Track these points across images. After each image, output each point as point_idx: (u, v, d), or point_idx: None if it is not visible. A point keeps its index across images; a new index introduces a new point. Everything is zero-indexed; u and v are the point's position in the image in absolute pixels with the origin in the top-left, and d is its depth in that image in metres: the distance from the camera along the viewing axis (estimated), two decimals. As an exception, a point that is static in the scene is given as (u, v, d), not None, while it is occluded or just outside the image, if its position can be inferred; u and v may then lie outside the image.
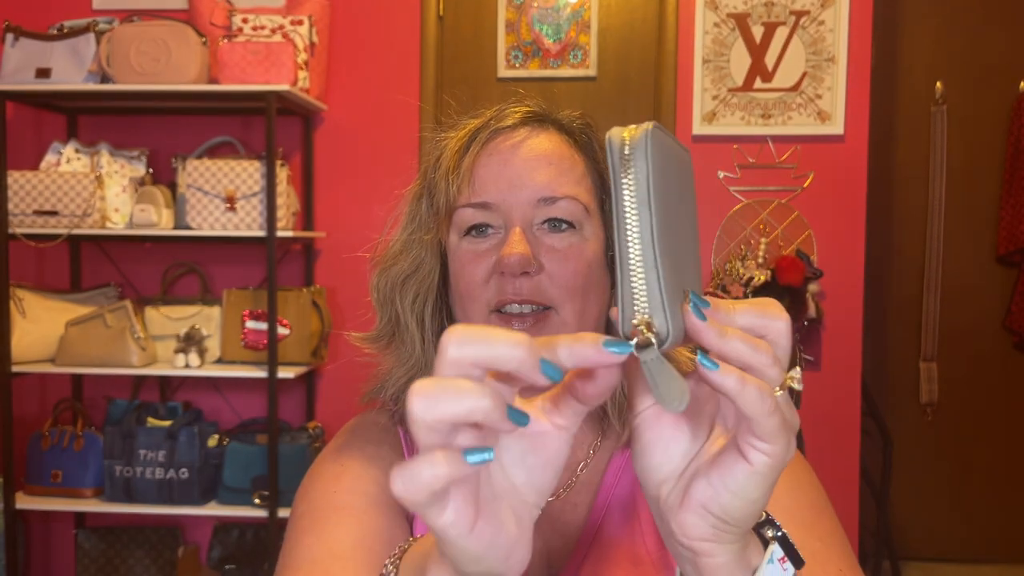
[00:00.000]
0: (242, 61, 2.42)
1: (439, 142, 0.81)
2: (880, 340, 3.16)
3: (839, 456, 2.74)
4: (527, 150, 0.76)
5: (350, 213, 2.80)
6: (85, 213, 2.46)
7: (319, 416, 2.82)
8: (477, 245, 0.76)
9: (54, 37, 2.47)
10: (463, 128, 0.80)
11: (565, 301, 0.74)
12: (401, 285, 0.80)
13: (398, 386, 0.80)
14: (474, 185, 0.75)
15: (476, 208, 0.75)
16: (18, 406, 2.70)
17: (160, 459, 2.51)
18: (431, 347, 0.80)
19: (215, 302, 2.66)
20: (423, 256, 0.80)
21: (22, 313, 2.54)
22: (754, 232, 2.75)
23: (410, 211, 0.82)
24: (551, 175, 0.75)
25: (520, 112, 0.79)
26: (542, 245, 0.75)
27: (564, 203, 0.75)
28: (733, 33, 2.73)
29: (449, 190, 0.76)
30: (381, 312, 0.82)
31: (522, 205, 0.75)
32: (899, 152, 3.15)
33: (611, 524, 0.77)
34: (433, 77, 2.81)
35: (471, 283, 0.75)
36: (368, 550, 0.71)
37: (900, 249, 3.18)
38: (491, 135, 0.77)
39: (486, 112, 0.81)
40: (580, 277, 0.75)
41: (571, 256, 0.74)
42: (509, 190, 0.75)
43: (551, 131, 0.79)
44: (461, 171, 0.76)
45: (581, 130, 0.81)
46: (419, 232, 0.80)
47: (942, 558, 3.19)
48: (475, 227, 0.76)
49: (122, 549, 2.78)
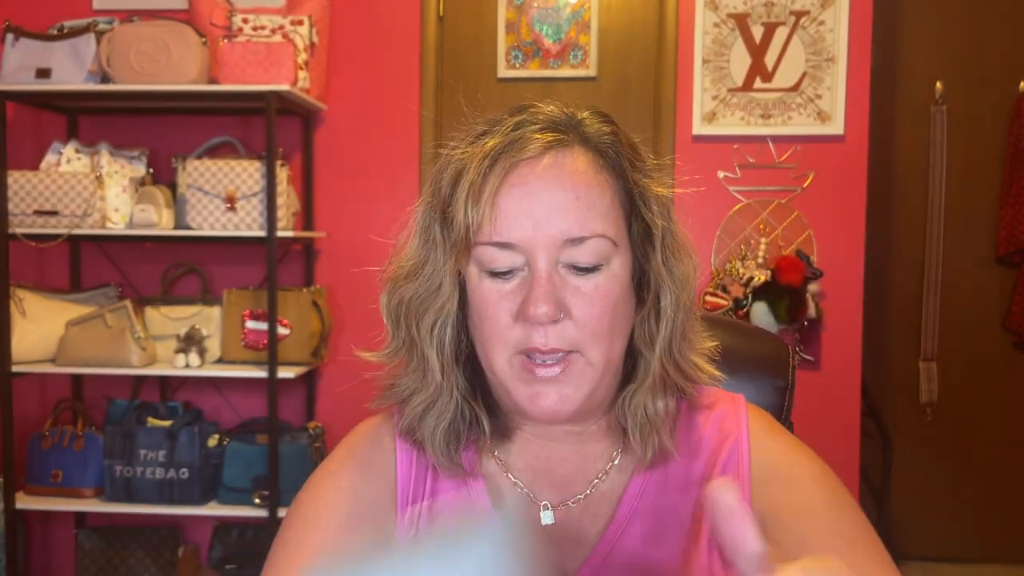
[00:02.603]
0: (242, 61, 2.42)
1: (452, 156, 0.74)
2: (880, 340, 3.16)
3: (839, 456, 2.74)
4: (552, 181, 0.71)
5: (350, 213, 2.80)
6: (85, 213, 2.46)
7: (319, 416, 2.82)
8: (500, 287, 0.72)
9: (54, 37, 2.47)
10: (480, 146, 0.73)
11: (591, 345, 0.72)
12: (417, 309, 0.76)
13: (415, 415, 0.78)
14: (496, 221, 0.70)
15: (499, 247, 0.71)
16: (18, 406, 2.70)
17: (160, 459, 2.51)
18: (451, 374, 0.77)
19: (215, 302, 2.66)
20: (441, 281, 0.75)
21: (22, 313, 2.54)
22: (754, 232, 2.75)
23: (422, 229, 0.77)
24: (579, 212, 0.70)
25: (544, 139, 0.72)
26: (568, 286, 0.71)
27: (592, 243, 0.71)
28: (733, 33, 2.74)
29: (470, 223, 0.71)
30: (395, 331, 0.79)
31: (548, 245, 0.70)
32: (899, 152, 3.15)
33: (629, 538, 0.76)
34: (433, 77, 2.81)
35: (496, 327, 0.72)
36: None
37: (900, 249, 3.18)
38: (514, 163, 0.71)
39: (504, 122, 0.74)
40: (607, 319, 0.72)
41: (598, 299, 0.71)
42: (534, 229, 0.70)
43: (577, 152, 0.73)
44: (482, 203, 0.70)
45: (610, 146, 0.74)
46: (435, 254, 0.75)
47: (942, 558, 3.19)
48: (498, 271, 0.72)
49: (122, 549, 2.78)
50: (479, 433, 0.79)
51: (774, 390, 1.04)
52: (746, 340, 1.10)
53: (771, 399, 1.04)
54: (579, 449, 0.80)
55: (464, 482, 0.79)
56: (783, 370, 1.05)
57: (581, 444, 0.80)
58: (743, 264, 2.69)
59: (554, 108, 0.76)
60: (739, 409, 0.82)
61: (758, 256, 2.71)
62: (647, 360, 0.76)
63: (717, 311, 2.63)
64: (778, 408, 1.04)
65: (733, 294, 2.65)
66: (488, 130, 0.74)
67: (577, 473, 0.79)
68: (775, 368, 1.05)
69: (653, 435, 0.76)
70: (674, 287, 0.75)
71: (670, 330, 0.75)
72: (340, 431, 0.88)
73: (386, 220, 2.59)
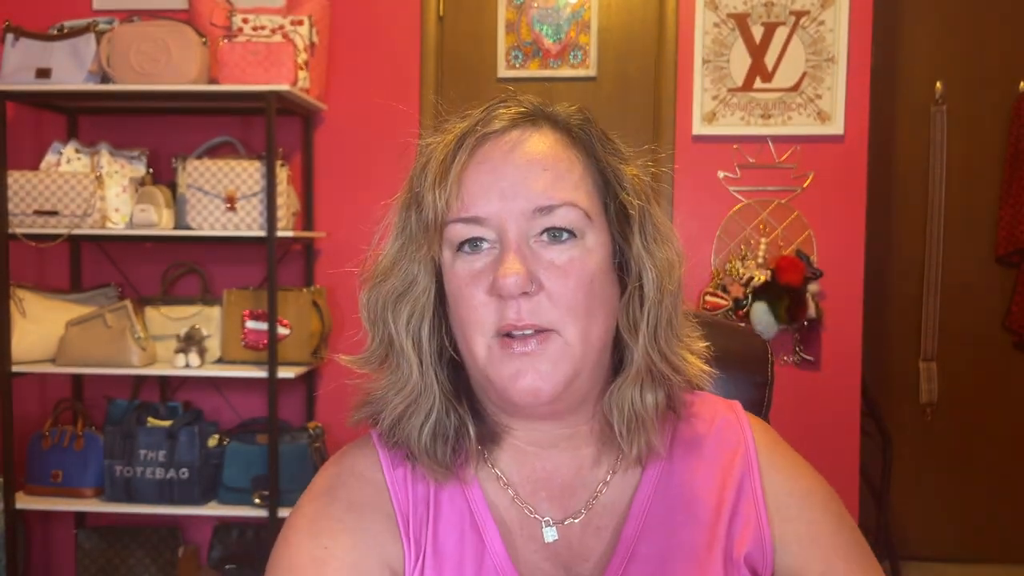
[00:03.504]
0: (242, 61, 2.42)
1: (426, 148, 0.74)
2: (880, 340, 3.16)
3: (839, 456, 2.74)
4: (519, 155, 0.71)
5: (350, 213, 2.81)
6: (85, 213, 2.46)
7: (319, 416, 2.82)
8: (472, 264, 0.71)
9: (54, 37, 2.47)
10: (449, 132, 0.73)
11: (568, 323, 0.70)
12: (394, 304, 0.75)
13: (395, 415, 0.75)
14: (463, 198, 0.70)
15: (467, 223, 0.70)
16: (18, 406, 2.70)
17: (160, 459, 2.51)
18: (430, 370, 0.74)
19: (215, 302, 2.66)
20: (416, 273, 0.74)
21: (22, 313, 2.54)
22: (754, 232, 2.75)
23: (399, 223, 0.76)
24: (547, 181, 0.70)
25: (510, 113, 0.73)
26: (540, 260, 0.70)
27: (562, 211, 0.70)
28: (733, 33, 2.74)
29: (437, 203, 0.70)
30: (373, 332, 0.76)
31: (517, 217, 0.70)
32: (899, 152, 3.15)
33: (639, 562, 0.74)
34: (433, 77, 2.81)
35: (470, 308, 0.71)
36: None
37: (900, 249, 3.17)
38: (479, 140, 0.71)
39: (474, 113, 0.75)
40: (582, 294, 0.70)
41: (572, 271, 0.70)
42: (501, 201, 0.69)
43: (545, 130, 0.73)
44: (449, 182, 0.70)
45: (579, 126, 0.75)
46: (410, 246, 0.74)
47: (942, 558, 3.19)
48: (467, 241, 0.71)
49: (122, 549, 2.78)
50: (467, 439, 0.75)
51: (753, 386, 1.05)
52: (724, 337, 1.10)
53: (751, 395, 1.05)
54: (573, 455, 0.78)
55: (461, 490, 0.76)
56: (762, 366, 1.06)
57: (575, 449, 0.78)
58: (743, 264, 2.69)
59: (530, 97, 0.76)
60: (740, 418, 0.82)
61: (758, 256, 2.71)
62: (631, 350, 0.74)
63: (717, 311, 2.63)
64: (758, 404, 1.05)
65: (733, 294, 2.65)
66: (460, 120, 0.75)
67: (575, 481, 0.77)
68: (754, 364, 1.06)
69: (640, 431, 0.74)
70: (655, 270, 0.73)
71: (655, 316, 0.73)
72: (340, 431, 0.88)
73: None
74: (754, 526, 0.76)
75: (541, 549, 0.75)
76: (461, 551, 0.74)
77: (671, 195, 2.74)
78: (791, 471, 0.80)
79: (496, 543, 0.74)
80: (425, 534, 0.74)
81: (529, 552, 0.75)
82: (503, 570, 0.73)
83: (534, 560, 0.74)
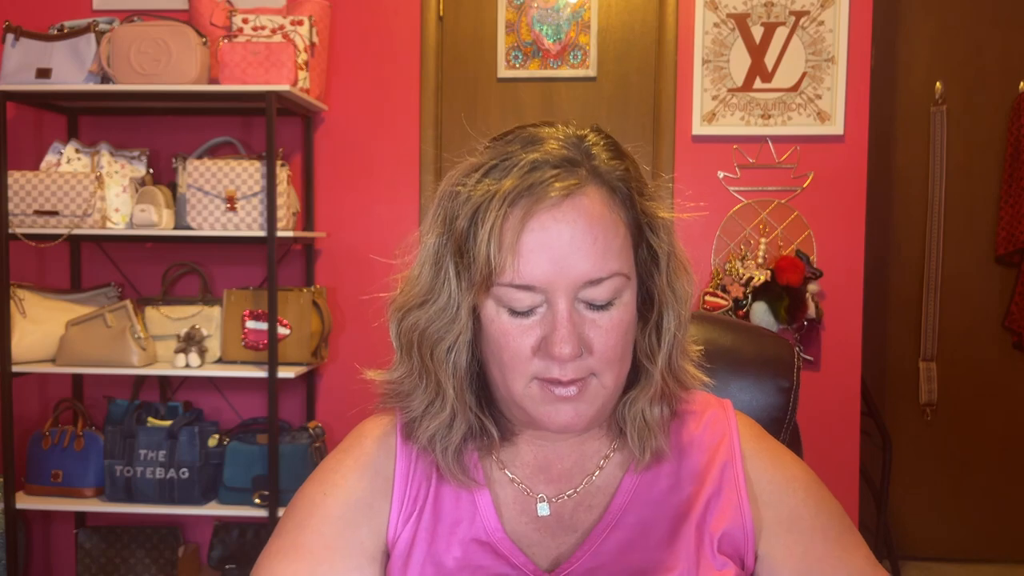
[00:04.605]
0: (242, 61, 2.42)
1: (464, 191, 0.74)
2: (880, 340, 3.17)
3: (839, 456, 2.74)
4: (571, 225, 0.72)
5: (350, 213, 2.81)
6: (85, 213, 2.46)
7: (319, 416, 2.82)
8: (520, 321, 0.74)
9: (54, 37, 2.47)
10: (495, 183, 0.73)
11: (606, 371, 0.75)
12: (432, 337, 0.77)
13: (428, 435, 0.80)
14: (518, 265, 0.72)
15: (519, 289, 0.73)
16: (18, 406, 2.71)
17: (160, 459, 2.51)
18: (463, 395, 0.79)
19: (215, 302, 2.66)
20: (457, 312, 0.76)
21: (22, 313, 2.55)
22: (754, 232, 2.76)
23: (433, 258, 0.77)
24: (597, 253, 0.72)
25: (562, 186, 0.72)
26: (585, 320, 0.74)
27: (609, 282, 0.73)
28: (733, 33, 2.74)
29: (492, 263, 0.72)
30: (405, 358, 0.80)
31: (568, 287, 0.72)
32: (899, 152, 3.15)
33: (622, 528, 0.80)
34: (433, 77, 2.81)
35: (514, 358, 0.75)
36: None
37: (900, 249, 3.18)
38: (533, 204, 0.72)
39: (515, 156, 0.74)
40: (621, 347, 0.76)
41: (614, 329, 0.75)
42: (554, 271, 0.72)
43: (592, 193, 0.74)
44: (504, 247, 0.71)
45: (621, 179, 0.76)
46: (449, 285, 0.76)
47: (942, 558, 3.19)
48: (519, 310, 0.74)
49: (122, 549, 2.78)
50: (484, 440, 0.82)
51: (778, 391, 1.04)
52: (750, 341, 1.09)
53: (775, 400, 1.03)
54: (577, 447, 0.84)
55: (466, 483, 0.82)
56: (788, 371, 1.05)
57: (580, 444, 0.84)
58: (743, 264, 2.69)
59: (563, 141, 0.76)
60: (728, 412, 0.87)
61: (758, 256, 2.72)
62: (648, 371, 0.80)
63: (717, 311, 2.63)
64: (782, 409, 1.03)
65: (733, 294, 2.65)
66: (499, 164, 0.74)
67: (574, 468, 0.84)
68: (779, 369, 1.05)
69: (651, 439, 0.81)
70: (676, 305, 0.79)
71: (671, 345, 0.80)
72: (340, 431, 0.89)
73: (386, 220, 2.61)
74: (734, 508, 0.81)
75: (532, 521, 0.81)
76: (456, 514, 0.81)
77: (671, 195, 2.74)
78: (772, 460, 0.85)
79: (489, 511, 0.81)
80: (427, 494, 0.82)
81: (521, 524, 0.81)
82: (492, 531, 0.80)
83: (524, 531, 0.81)
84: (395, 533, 0.81)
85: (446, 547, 0.80)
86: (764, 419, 1.02)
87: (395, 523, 0.81)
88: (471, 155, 0.78)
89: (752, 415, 0.95)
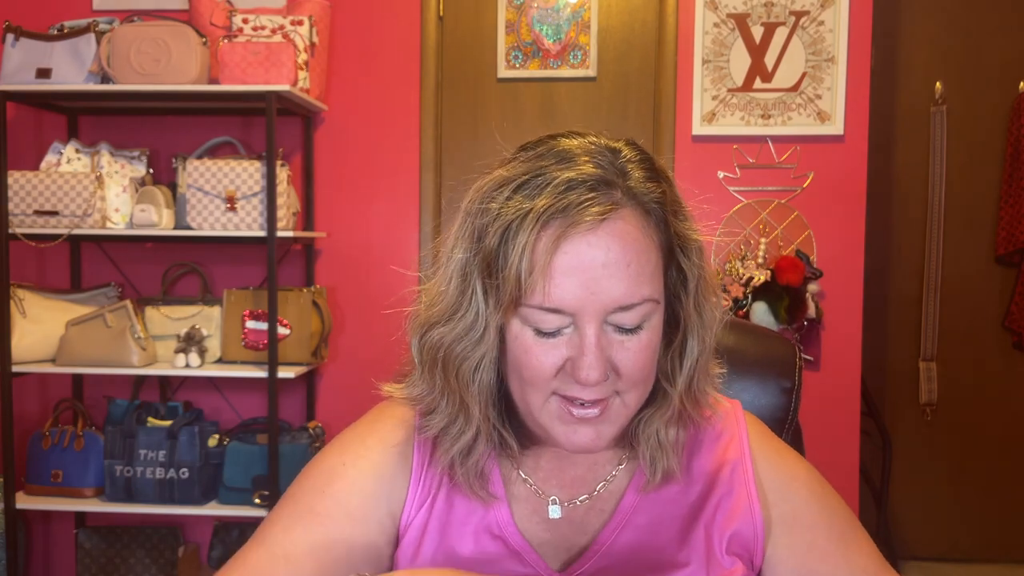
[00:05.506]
0: (242, 61, 2.42)
1: (495, 209, 0.72)
2: (880, 340, 3.17)
3: (839, 456, 2.74)
4: (605, 250, 0.70)
5: (350, 213, 2.81)
6: (85, 213, 2.46)
7: (319, 416, 2.82)
8: (546, 341, 0.72)
9: (54, 37, 2.47)
10: (528, 201, 0.70)
11: (630, 391, 0.74)
12: (458, 355, 0.76)
13: (454, 452, 0.79)
14: (549, 288, 0.69)
15: (549, 312, 0.70)
16: (18, 406, 2.71)
17: (160, 459, 2.51)
18: (488, 411, 0.78)
19: (215, 302, 2.66)
20: (484, 331, 0.74)
21: (22, 313, 2.54)
22: (754, 232, 2.76)
23: (460, 274, 0.75)
24: (629, 280, 0.70)
25: (598, 210, 0.69)
26: (612, 343, 0.72)
27: (640, 308, 0.71)
28: (733, 33, 2.74)
29: (522, 285, 0.70)
30: (428, 374, 0.79)
31: (598, 311, 0.70)
32: (899, 152, 3.15)
33: (631, 528, 0.80)
34: (433, 77, 2.81)
35: (537, 375, 0.73)
36: (319, 561, 0.75)
37: (900, 249, 3.18)
38: (567, 226, 0.69)
39: (548, 174, 0.71)
40: (648, 369, 0.74)
41: (641, 352, 0.73)
42: (586, 297, 0.70)
43: (627, 216, 0.71)
44: (535, 269, 0.69)
45: (656, 202, 0.74)
46: (476, 302, 0.74)
47: (942, 558, 3.19)
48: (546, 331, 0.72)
49: (122, 549, 2.78)
50: (504, 450, 0.81)
51: (781, 391, 1.05)
52: (753, 341, 1.10)
53: (777, 400, 1.04)
54: (590, 456, 0.84)
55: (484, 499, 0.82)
56: (790, 371, 1.05)
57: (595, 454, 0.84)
58: (743, 264, 2.69)
59: (598, 158, 0.73)
60: (737, 413, 0.87)
61: (758, 256, 2.72)
62: (666, 392, 0.79)
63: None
64: (784, 409, 1.04)
65: (733, 294, 2.65)
66: (531, 180, 0.71)
67: (587, 475, 0.83)
68: (782, 369, 1.05)
69: (663, 459, 0.80)
70: (702, 330, 0.78)
71: (692, 369, 0.78)
72: (340, 431, 0.88)
73: (386, 220, 2.62)
74: (744, 508, 0.81)
75: (544, 522, 0.81)
76: (469, 505, 0.81)
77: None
78: (776, 459, 0.85)
79: (503, 507, 0.81)
80: (440, 482, 0.81)
81: (532, 524, 0.81)
82: (505, 525, 0.80)
83: (535, 530, 0.81)
84: (408, 518, 0.80)
85: (458, 538, 0.80)
86: (766, 419, 1.02)
87: (410, 507, 0.80)
88: (500, 165, 0.75)
89: (754, 415, 0.95)
